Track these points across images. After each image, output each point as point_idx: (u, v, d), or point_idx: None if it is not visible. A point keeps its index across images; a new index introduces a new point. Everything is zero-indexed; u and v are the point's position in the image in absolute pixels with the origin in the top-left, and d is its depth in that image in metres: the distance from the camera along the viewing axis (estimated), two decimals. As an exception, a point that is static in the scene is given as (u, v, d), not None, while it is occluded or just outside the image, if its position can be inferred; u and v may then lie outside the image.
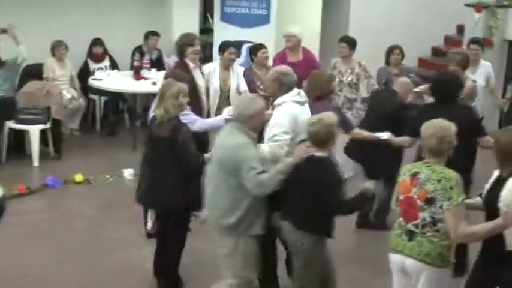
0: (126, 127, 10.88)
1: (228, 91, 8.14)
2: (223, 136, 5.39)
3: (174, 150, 5.62)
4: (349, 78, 8.66)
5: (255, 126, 5.34)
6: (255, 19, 11.87)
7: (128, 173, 8.78)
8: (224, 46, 8.37)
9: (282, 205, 5.22)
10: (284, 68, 6.20)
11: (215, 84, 8.05)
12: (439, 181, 4.62)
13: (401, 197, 4.82)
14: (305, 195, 5.03)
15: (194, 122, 6.43)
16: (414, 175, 4.77)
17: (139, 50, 10.99)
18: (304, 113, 5.72)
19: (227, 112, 6.37)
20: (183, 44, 7.71)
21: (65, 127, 10.19)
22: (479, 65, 8.43)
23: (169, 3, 11.77)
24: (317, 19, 13.22)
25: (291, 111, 5.65)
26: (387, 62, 8.88)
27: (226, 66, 8.17)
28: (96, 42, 10.95)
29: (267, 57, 8.75)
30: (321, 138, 5.11)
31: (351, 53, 8.78)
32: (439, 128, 4.75)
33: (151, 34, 11.08)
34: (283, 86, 5.75)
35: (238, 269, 5.30)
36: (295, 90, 5.80)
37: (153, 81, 9.92)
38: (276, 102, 5.78)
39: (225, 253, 5.31)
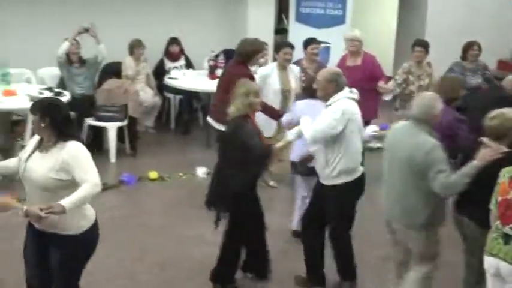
0: (200, 126, 10.92)
1: (289, 91, 8.11)
2: (403, 136, 5.36)
3: (239, 146, 5.67)
4: (427, 81, 8.55)
5: (433, 125, 5.36)
6: (331, 19, 11.85)
7: (201, 171, 8.85)
8: (279, 46, 8.41)
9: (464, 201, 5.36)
10: (335, 68, 6.38)
11: (274, 85, 8.03)
12: None
13: (499, 199, 4.73)
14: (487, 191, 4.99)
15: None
16: None
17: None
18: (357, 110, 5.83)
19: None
20: (255, 50, 7.76)
21: (141, 125, 10.38)
22: None
23: (245, 3, 11.80)
24: (393, 19, 13.14)
25: (344, 107, 5.71)
26: (464, 57, 8.79)
27: (283, 67, 8.15)
28: (173, 41, 11.08)
29: (316, 54, 8.66)
30: (502, 132, 5.06)
31: (425, 57, 8.67)
32: None
33: None
34: (338, 86, 5.78)
35: (425, 260, 5.46)
36: (347, 89, 5.83)
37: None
38: (329, 101, 5.78)
39: (414, 246, 5.44)
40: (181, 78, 10.67)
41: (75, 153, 4.51)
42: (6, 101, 8.82)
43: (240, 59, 7.81)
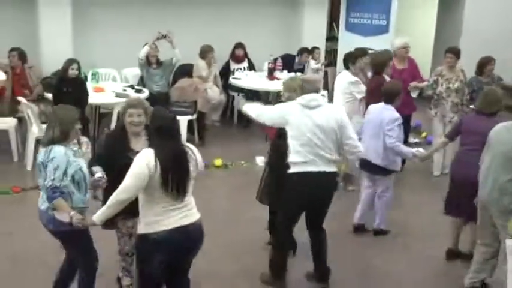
0: None
1: None
2: (506, 131, 5.32)
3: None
4: (456, 85, 8.45)
5: None
6: (376, 29, 11.78)
7: (260, 160, 8.91)
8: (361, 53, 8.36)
9: None
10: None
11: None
12: None
13: None
14: None
15: (398, 140, 6.48)
16: None
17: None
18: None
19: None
20: (387, 59, 7.76)
21: (208, 119, 10.47)
22: None
23: (301, 14, 11.86)
24: (431, 29, 13.02)
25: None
26: (480, 72, 8.62)
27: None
28: (239, 45, 11.15)
29: (367, 64, 8.49)
30: None
31: (456, 62, 8.55)
32: None
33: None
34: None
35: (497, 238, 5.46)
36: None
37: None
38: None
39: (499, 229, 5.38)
40: (244, 78, 10.75)
41: (135, 158, 4.36)
42: (95, 96, 9.02)
43: (374, 70, 7.78)
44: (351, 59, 8.05)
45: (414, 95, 8.73)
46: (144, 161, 4.28)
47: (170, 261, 4.55)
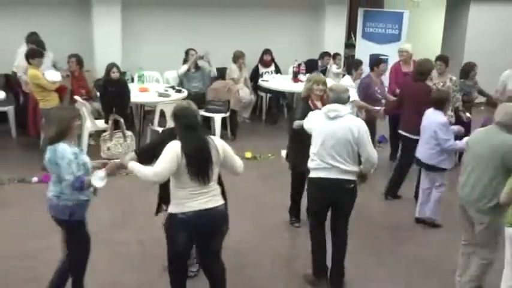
0: (284, 118, 10.92)
1: None
2: (485, 136, 5.11)
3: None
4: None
5: None
6: (389, 37, 11.83)
7: (285, 153, 8.96)
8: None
9: None
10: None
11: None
12: None
13: None
14: None
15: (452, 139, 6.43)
16: None
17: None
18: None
19: None
20: (431, 68, 7.56)
21: (240, 116, 10.48)
22: None
23: (323, 23, 11.88)
24: (439, 38, 12.99)
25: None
26: (466, 77, 8.51)
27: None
28: (267, 51, 11.18)
29: (385, 70, 8.70)
30: None
31: (446, 69, 8.31)
32: None
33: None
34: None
35: (489, 242, 5.13)
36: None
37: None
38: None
39: (482, 228, 5.09)
40: (271, 80, 10.80)
41: (165, 149, 4.42)
42: (141, 96, 9.16)
43: (420, 78, 7.38)
44: (354, 66, 8.14)
45: None
46: (173, 150, 4.38)
47: (195, 241, 4.64)
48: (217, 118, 9.60)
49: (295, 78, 10.67)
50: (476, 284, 5.29)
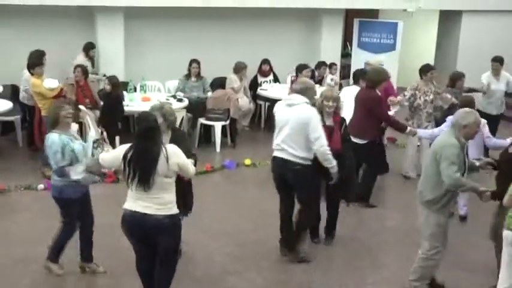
0: None
1: None
2: (443, 136, 5.30)
3: None
4: (431, 97, 8.24)
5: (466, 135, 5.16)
6: (384, 47, 11.92)
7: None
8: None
9: None
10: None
11: None
12: None
13: None
14: None
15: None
16: None
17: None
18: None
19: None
20: (383, 79, 7.43)
21: (239, 124, 10.52)
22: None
23: (320, 33, 11.97)
24: (432, 47, 13.08)
25: None
26: (452, 85, 8.53)
27: None
28: (265, 61, 11.25)
29: (309, 76, 8.56)
30: None
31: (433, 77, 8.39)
32: None
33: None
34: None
35: (427, 235, 5.27)
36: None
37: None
38: None
39: (422, 219, 5.29)
40: (269, 89, 10.85)
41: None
42: (143, 105, 9.13)
43: (370, 85, 7.37)
44: (361, 75, 8.09)
45: (395, 109, 8.54)
46: (119, 152, 4.62)
47: (134, 239, 4.75)
48: (218, 126, 9.65)
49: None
50: (417, 277, 5.38)
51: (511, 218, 4.74)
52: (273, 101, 10.70)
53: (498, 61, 9.39)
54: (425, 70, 8.44)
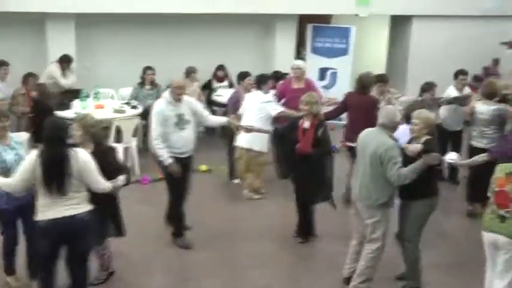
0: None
1: None
2: (373, 136, 5.38)
3: None
4: (383, 105, 7.85)
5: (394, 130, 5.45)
6: (337, 51, 12.04)
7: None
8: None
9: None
10: None
11: None
12: None
13: (497, 189, 4.84)
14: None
15: None
16: (509, 174, 4.80)
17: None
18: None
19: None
20: (372, 81, 7.73)
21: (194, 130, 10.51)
22: None
23: (273, 38, 12.04)
24: (384, 51, 13.30)
25: None
26: (424, 94, 8.39)
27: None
28: (220, 67, 11.26)
29: (251, 84, 8.57)
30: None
31: (386, 87, 8.26)
32: None
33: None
34: None
35: (381, 234, 5.45)
36: None
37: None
38: None
39: (374, 222, 5.40)
40: (225, 95, 10.79)
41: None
42: (96, 112, 9.11)
43: (364, 91, 7.60)
44: (262, 80, 8.14)
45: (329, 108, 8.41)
46: (28, 162, 4.61)
47: (58, 247, 4.78)
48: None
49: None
50: (364, 278, 5.55)
51: (491, 219, 4.87)
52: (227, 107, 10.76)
53: (466, 74, 9.04)
54: (376, 80, 8.21)
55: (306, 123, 6.45)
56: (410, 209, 5.50)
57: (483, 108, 7.49)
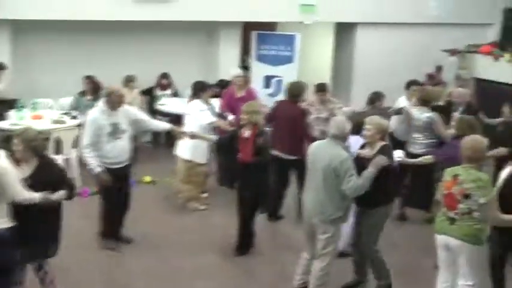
0: None
1: None
2: (325, 149, 5.33)
3: None
4: (324, 115, 7.73)
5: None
6: (282, 59, 12.02)
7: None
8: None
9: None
10: None
11: None
12: (474, 181, 4.75)
13: (445, 192, 4.91)
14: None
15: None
16: (455, 176, 4.86)
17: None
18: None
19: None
20: (302, 91, 7.61)
21: (137, 141, 10.10)
22: None
23: (217, 46, 11.91)
24: (329, 59, 13.36)
25: None
26: (371, 104, 8.22)
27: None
28: (164, 75, 11.13)
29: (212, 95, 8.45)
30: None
31: (326, 96, 7.97)
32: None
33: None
34: None
35: (331, 249, 5.43)
36: None
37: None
38: None
39: (327, 237, 5.37)
40: (169, 104, 10.69)
41: None
42: (34, 123, 8.83)
43: (294, 100, 7.54)
44: (201, 88, 7.97)
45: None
46: None
47: None
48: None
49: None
50: None
51: (443, 222, 4.93)
52: (172, 116, 10.57)
53: (419, 85, 8.88)
54: (316, 90, 8.02)
55: (247, 133, 6.42)
56: (368, 216, 5.50)
57: (417, 114, 7.64)
